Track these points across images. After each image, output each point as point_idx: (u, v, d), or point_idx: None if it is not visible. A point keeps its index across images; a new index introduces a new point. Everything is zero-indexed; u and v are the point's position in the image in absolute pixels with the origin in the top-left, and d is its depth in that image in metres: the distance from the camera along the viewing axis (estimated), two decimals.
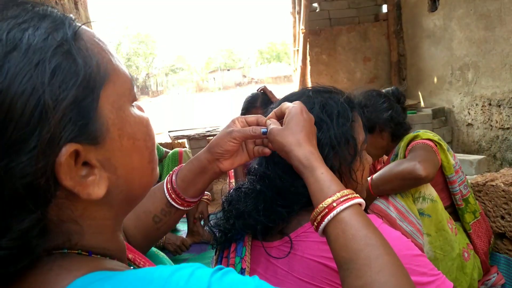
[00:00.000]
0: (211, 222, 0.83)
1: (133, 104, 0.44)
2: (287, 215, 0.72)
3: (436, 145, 1.49)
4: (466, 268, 1.42)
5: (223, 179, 4.51)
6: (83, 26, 0.40)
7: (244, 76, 46.30)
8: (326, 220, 0.56)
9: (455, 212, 1.56)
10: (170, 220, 0.75)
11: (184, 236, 2.31)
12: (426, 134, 1.54)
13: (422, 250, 1.33)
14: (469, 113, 4.23)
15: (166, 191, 0.73)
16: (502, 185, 1.57)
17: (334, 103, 0.76)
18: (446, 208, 1.50)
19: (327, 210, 0.56)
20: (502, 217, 1.59)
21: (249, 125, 0.72)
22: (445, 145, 1.52)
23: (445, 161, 1.49)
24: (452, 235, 1.39)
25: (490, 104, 3.88)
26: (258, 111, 2.39)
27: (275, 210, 0.71)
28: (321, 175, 0.59)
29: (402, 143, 1.59)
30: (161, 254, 0.72)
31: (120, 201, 0.43)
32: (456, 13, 4.22)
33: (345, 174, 0.75)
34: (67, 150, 0.35)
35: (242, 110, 2.47)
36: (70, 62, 0.36)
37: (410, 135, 1.59)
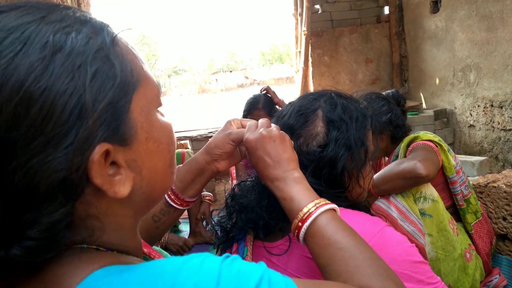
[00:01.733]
0: (214, 220, 0.84)
1: (158, 109, 0.47)
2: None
3: (436, 146, 1.49)
4: (468, 268, 1.42)
5: (225, 180, 4.52)
6: (119, 34, 0.43)
7: (246, 78, 46.30)
8: (300, 237, 0.61)
9: (456, 212, 1.56)
10: (169, 219, 0.78)
11: (186, 237, 2.32)
12: (426, 135, 1.55)
13: (423, 250, 1.33)
14: (471, 115, 4.22)
15: (166, 195, 0.75)
16: (504, 187, 1.57)
17: (354, 108, 0.79)
18: (447, 208, 1.50)
19: (297, 231, 0.61)
20: (504, 219, 1.59)
21: (244, 127, 0.75)
22: (445, 146, 1.52)
23: (446, 161, 1.50)
24: (453, 235, 1.39)
25: (492, 106, 3.87)
26: (260, 113, 2.39)
27: (278, 207, 0.72)
28: (283, 202, 0.64)
29: (402, 144, 1.60)
30: (165, 253, 0.74)
31: (141, 201, 0.45)
32: (458, 15, 4.22)
33: (354, 177, 0.77)
34: (100, 149, 0.37)
35: (244, 111, 2.47)
36: (109, 67, 0.38)
37: (410, 136, 1.60)
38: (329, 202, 0.62)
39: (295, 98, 0.87)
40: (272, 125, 0.70)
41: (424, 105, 5.09)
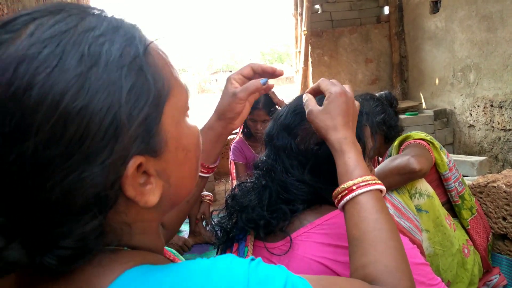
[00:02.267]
0: (214, 220, 0.84)
1: (187, 113, 0.46)
2: (290, 213, 0.73)
3: (428, 144, 1.51)
4: (467, 264, 1.42)
5: (225, 180, 4.52)
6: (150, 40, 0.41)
7: None
8: (344, 200, 0.61)
9: (452, 209, 1.58)
10: (197, 191, 0.81)
11: (186, 236, 2.32)
12: (417, 134, 1.58)
13: (421, 246, 1.34)
14: (471, 115, 4.22)
15: None
16: (504, 187, 1.57)
17: None
18: (442, 204, 1.51)
19: (347, 191, 0.61)
20: (504, 218, 1.59)
21: (247, 78, 0.75)
22: (437, 144, 1.55)
23: (439, 158, 1.52)
24: (451, 230, 1.40)
25: (492, 106, 3.88)
26: (261, 112, 2.39)
27: (279, 207, 0.72)
28: (348, 160, 0.63)
29: (395, 144, 1.62)
30: (177, 254, 0.73)
31: (167, 205, 0.46)
32: (458, 15, 4.22)
33: None
34: (134, 163, 0.37)
35: None
36: (143, 80, 0.38)
37: (402, 136, 1.63)
38: (383, 184, 0.63)
39: (281, 100, 0.87)
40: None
41: (424, 105, 5.10)
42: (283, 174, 0.75)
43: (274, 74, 0.76)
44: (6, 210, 0.34)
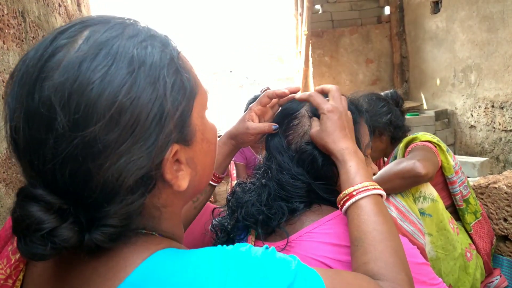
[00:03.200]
0: (214, 220, 0.85)
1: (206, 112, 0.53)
2: (288, 210, 0.73)
3: (435, 147, 1.49)
4: (469, 268, 1.41)
5: (225, 181, 4.52)
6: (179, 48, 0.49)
7: (246, 78, 46.37)
8: (346, 205, 0.66)
9: (456, 212, 1.56)
10: (205, 198, 0.89)
11: None
12: (424, 136, 1.55)
13: (423, 250, 1.33)
14: (472, 115, 4.21)
15: None
16: (505, 188, 1.56)
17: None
18: (446, 208, 1.50)
19: (348, 196, 0.66)
20: (505, 220, 1.59)
21: (264, 106, 0.84)
22: (444, 146, 1.52)
23: (445, 162, 1.49)
24: (454, 234, 1.39)
25: (493, 106, 3.87)
26: None
27: (277, 204, 0.73)
28: (349, 168, 0.69)
29: (401, 145, 1.59)
30: None
31: (191, 193, 0.53)
32: (459, 15, 4.22)
33: None
34: (172, 149, 0.43)
35: (244, 111, 2.47)
36: (180, 78, 0.45)
37: (409, 137, 1.59)
38: (383, 189, 0.68)
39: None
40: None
41: (425, 106, 5.09)
42: (278, 172, 0.77)
43: (286, 95, 0.83)
44: (63, 192, 0.39)
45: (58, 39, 0.40)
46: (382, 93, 1.74)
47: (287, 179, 0.76)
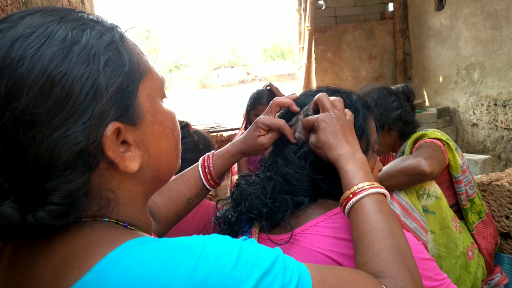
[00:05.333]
0: (218, 212, 0.85)
1: (163, 100, 0.53)
2: (292, 203, 0.73)
3: (444, 144, 1.47)
4: (470, 267, 1.41)
5: (227, 176, 4.52)
6: (127, 33, 0.50)
7: (248, 74, 46.19)
8: (346, 208, 0.67)
9: (460, 210, 1.55)
10: (200, 199, 0.90)
11: None
12: (433, 133, 1.53)
13: (426, 247, 1.33)
14: (474, 113, 4.21)
15: (204, 180, 0.87)
16: (507, 185, 1.56)
17: (349, 101, 0.81)
18: (451, 206, 1.49)
19: (346, 200, 0.66)
20: (507, 217, 1.59)
21: (271, 126, 0.83)
22: (453, 144, 1.51)
23: (453, 160, 1.48)
24: (456, 233, 1.39)
25: (495, 104, 3.86)
26: (264, 108, 2.39)
27: (282, 197, 0.73)
28: (345, 172, 0.69)
29: (409, 141, 1.58)
30: None
31: (149, 179, 0.52)
32: (463, 12, 4.19)
33: None
34: (112, 126, 0.43)
35: (247, 106, 2.46)
36: (118, 57, 0.45)
37: (418, 133, 1.58)
38: (383, 187, 0.67)
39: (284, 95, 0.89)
40: (346, 110, 0.76)
41: (427, 103, 5.08)
42: (283, 166, 0.78)
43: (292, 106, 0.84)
44: (0, 169, 0.40)
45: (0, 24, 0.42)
46: (393, 87, 1.72)
47: (292, 173, 0.76)
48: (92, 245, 0.42)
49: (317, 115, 0.74)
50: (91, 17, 0.47)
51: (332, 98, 0.75)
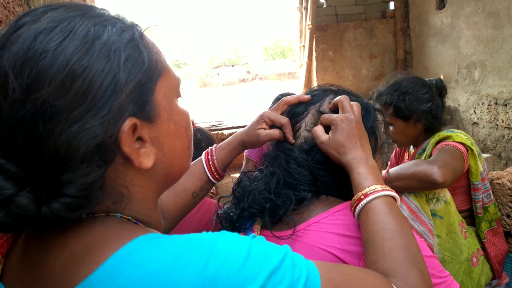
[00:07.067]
0: (220, 210, 0.85)
1: (178, 100, 0.54)
2: (295, 198, 0.73)
3: (467, 150, 1.43)
4: (473, 273, 1.39)
5: (227, 174, 4.53)
6: (146, 32, 0.51)
7: (248, 72, 46.11)
8: (357, 209, 0.68)
9: (471, 216, 1.52)
10: (205, 193, 0.92)
11: None
12: (459, 136, 1.47)
13: (432, 250, 1.31)
14: (475, 112, 4.21)
15: (208, 173, 0.90)
16: (509, 184, 1.56)
17: (361, 102, 0.82)
18: (464, 211, 1.47)
19: (357, 201, 0.68)
20: (508, 216, 1.59)
21: (275, 122, 0.85)
22: (477, 150, 1.45)
23: (474, 167, 1.44)
24: (461, 238, 1.36)
25: (496, 103, 3.86)
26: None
27: (285, 192, 0.73)
28: (357, 175, 0.70)
29: (433, 140, 1.53)
30: None
31: (162, 177, 0.52)
32: (464, 11, 4.19)
33: None
34: (129, 121, 0.44)
35: (271, 107, 2.47)
36: (138, 54, 0.46)
37: (443, 133, 1.53)
38: (394, 191, 0.69)
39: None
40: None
41: None
42: (286, 161, 0.78)
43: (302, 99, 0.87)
44: (19, 160, 0.40)
45: (23, 18, 0.43)
46: (426, 79, 1.65)
47: (294, 167, 0.76)
48: (104, 240, 0.43)
49: (336, 115, 0.75)
50: (112, 14, 0.48)
51: (352, 102, 0.77)
